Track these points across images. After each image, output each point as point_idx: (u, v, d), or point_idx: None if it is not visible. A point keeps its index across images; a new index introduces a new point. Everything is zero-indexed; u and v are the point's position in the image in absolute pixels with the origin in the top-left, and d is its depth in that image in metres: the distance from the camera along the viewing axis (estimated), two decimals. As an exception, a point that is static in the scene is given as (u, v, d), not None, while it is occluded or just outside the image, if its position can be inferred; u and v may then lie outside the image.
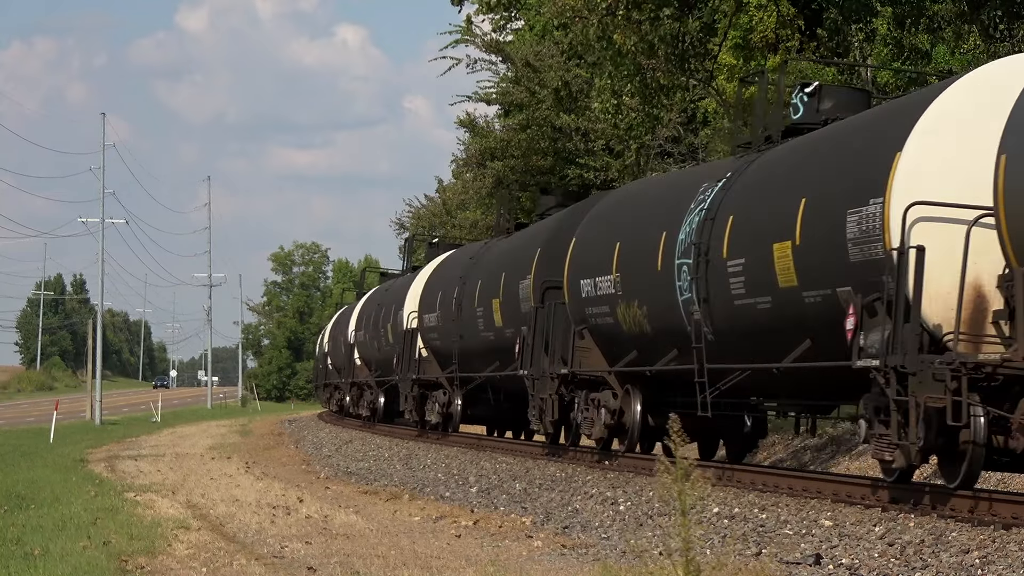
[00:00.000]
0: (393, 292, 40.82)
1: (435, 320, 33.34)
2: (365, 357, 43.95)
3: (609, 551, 13.34)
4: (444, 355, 32.79)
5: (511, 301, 27.13)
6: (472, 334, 30.04)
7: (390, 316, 38.97)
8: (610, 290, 21.29)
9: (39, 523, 15.97)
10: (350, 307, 52.66)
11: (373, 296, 45.93)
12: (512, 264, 27.78)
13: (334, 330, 54.18)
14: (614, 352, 21.81)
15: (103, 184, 68.64)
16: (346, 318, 49.75)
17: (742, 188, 18.09)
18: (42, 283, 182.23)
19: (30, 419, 65.84)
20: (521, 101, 44.21)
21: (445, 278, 33.64)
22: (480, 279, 29.87)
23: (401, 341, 35.96)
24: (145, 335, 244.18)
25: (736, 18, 28.89)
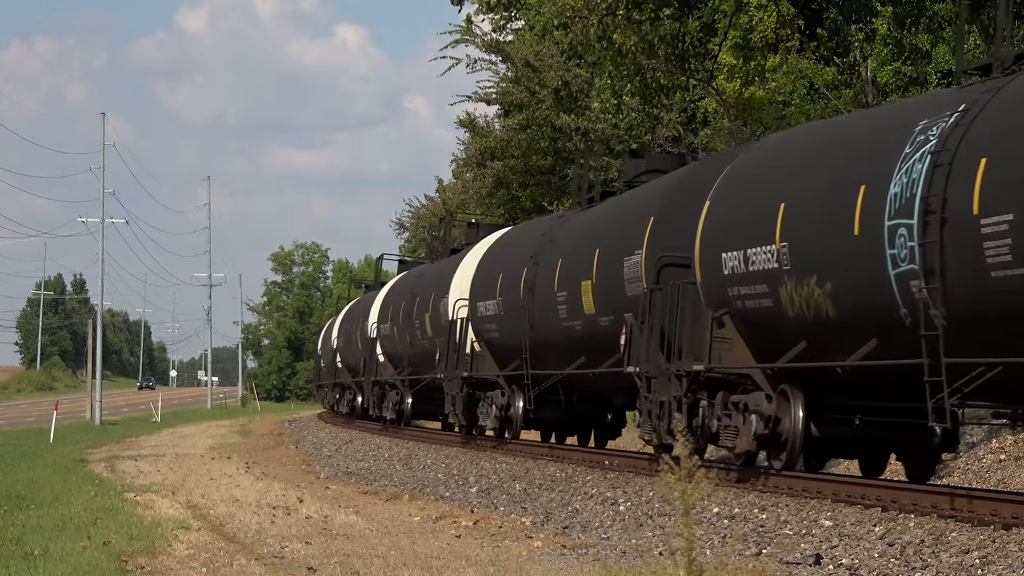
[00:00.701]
0: (430, 278, 35.30)
1: (493, 308, 28.28)
2: (390, 352, 39.06)
3: (609, 551, 13.34)
4: (504, 349, 27.76)
5: (609, 283, 21.99)
6: (549, 325, 25.00)
7: (427, 305, 33.71)
8: (770, 264, 16.53)
9: (39, 523, 15.97)
10: (366, 298, 47.52)
11: (399, 285, 40.53)
12: (610, 238, 22.54)
13: (346, 325, 49.82)
14: (768, 343, 17.12)
15: (103, 184, 68.74)
16: (363, 310, 45.11)
17: (998, 117, 13.53)
18: (42, 283, 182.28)
19: (30, 419, 65.84)
20: (521, 101, 44.22)
21: (504, 260, 28.62)
22: (561, 258, 24.72)
23: (445, 333, 30.95)
24: (145, 335, 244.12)
25: (736, 18, 28.90)
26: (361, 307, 46.78)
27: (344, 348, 48.93)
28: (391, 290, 40.96)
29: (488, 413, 28.45)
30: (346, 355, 48.31)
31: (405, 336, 36.26)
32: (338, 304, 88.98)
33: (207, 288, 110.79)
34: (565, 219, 26.62)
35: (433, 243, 46.03)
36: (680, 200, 20.21)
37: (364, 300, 47.71)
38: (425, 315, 33.87)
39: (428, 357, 33.40)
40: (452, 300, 30.74)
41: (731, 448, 17.86)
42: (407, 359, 36.66)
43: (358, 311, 47.14)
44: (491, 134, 48.40)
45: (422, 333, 34.27)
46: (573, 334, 23.83)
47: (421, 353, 34.55)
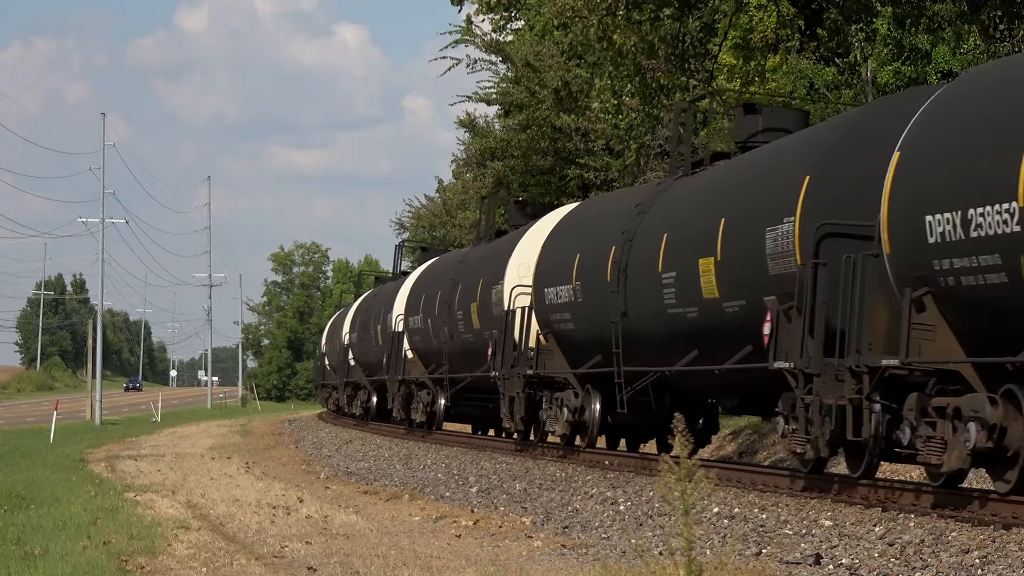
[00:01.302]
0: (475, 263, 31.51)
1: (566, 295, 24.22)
2: (421, 348, 35.67)
3: (609, 551, 13.34)
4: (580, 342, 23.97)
5: (742, 260, 17.92)
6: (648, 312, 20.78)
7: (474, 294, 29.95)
8: (1007, 227, 12.55)
9: (39, 523, 15.97)
10: (385, 289, 44.93)
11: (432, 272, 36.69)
12: (744, 205, 18.36)
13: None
14: (988, 332, 13.47)
15: (103, 184, 68.83)
16: (383, 302, 42.35)
17: None
18: (42, 283, 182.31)
19: (30, 419, 65.85)
20: (521, 101, 44.23)
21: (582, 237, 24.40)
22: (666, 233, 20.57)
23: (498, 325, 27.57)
24: (145, 335, 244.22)
25: (736, 18, 28.91)
26: (381, 299, 43.22)
27: (358, 345, 45.96)
28: (422, 278, 36.89)
29: (557, 417, 24.71)
30: (361, 352, 45.51)
31: (442, 329, 32.40)
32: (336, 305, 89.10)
33: (207, 288, 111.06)
34: (665, 187, 22.29)
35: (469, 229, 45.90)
36: (849, 154, 16.35)
37: (384, 292, 44.14)
38: (471, 305, 30.16)
39: (473, 353, 29.84)
40: (508, 287, 26.99)
41: (936, 465, 14.02)
42: (446, 355, 32.42)
43: (376, 304, 43.86)
44: (491, 134, 48.42)
45: (466, 325, 30.61)
46: (683, 323, 19.77)
47: (464, 348, 30.89)
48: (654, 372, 21.06)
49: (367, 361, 44.37)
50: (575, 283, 23.64)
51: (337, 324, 50.25)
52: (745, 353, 17.94)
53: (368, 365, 44.21)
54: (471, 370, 29.86)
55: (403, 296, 37.93)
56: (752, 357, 17.75)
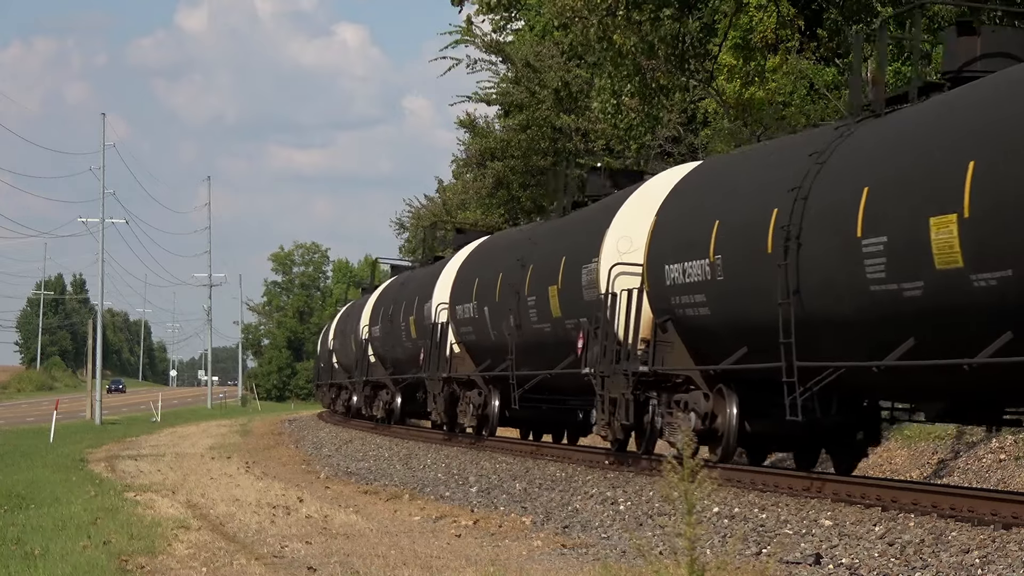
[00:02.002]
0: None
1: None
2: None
3: (609, 551, 13.34)
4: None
5: None
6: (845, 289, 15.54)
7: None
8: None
9: (39, 523, 15.97)
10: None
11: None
12: None
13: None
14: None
15: (103, 184, 68.74)
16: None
17: None
18: (42, 283, 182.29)
19: (30, 419, 65.84)
20: (521, 101, 44.25)
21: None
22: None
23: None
24: (145, 335, 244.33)
25: (736, 18, 28.93)
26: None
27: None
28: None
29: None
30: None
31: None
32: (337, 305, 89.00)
33: (207, 288, 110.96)
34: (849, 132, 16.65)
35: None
36: None
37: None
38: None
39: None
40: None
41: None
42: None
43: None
44: (491, 134, 48.44)
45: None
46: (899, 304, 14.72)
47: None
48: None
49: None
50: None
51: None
52: None
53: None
54: (541, 366, 25.78)
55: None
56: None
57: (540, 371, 25.65)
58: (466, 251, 32.07)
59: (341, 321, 51.63)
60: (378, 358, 40.61)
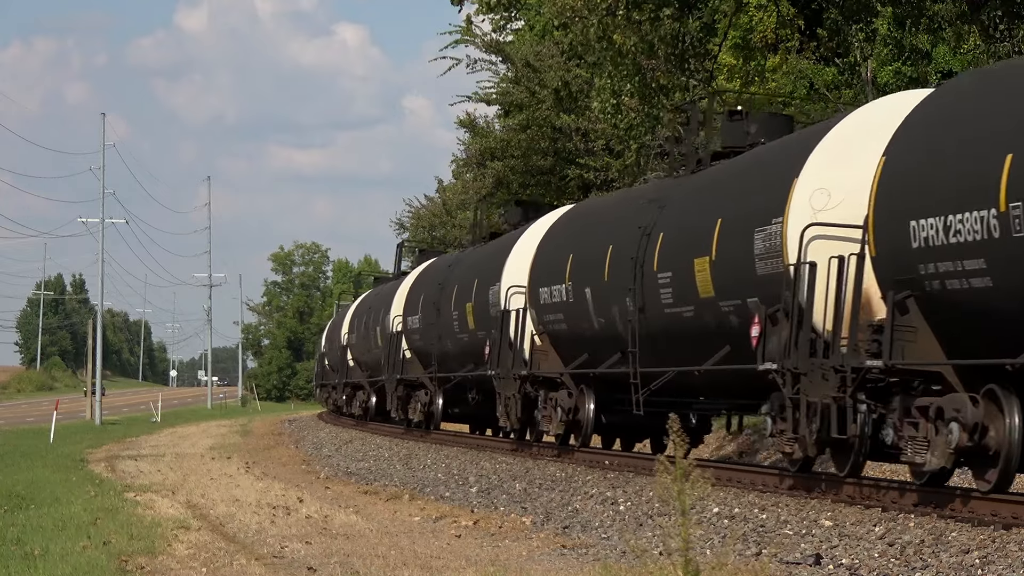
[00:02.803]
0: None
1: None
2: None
3: (609, 551, 13.34)
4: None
5: None
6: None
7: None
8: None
9: (39, 523, 15.97)
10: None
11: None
12: None
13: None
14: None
15: (103, 184, 68.82)
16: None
17: None
18: (42, 283, 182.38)
19: (30, 419, 65.86)
20: (521, 101, 44.25)
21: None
22: None
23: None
24: (145, 335, 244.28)
25: (736, 18, 28.93)
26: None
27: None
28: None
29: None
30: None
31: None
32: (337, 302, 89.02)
33: (207, 288, 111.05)
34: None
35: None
36: None
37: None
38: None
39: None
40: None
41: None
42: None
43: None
44: (491, 134, 48.45)
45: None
46: None
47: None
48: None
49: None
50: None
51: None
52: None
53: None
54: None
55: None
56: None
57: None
58: (547, 221, 27.09)
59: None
60: (415, 353, 35.69)
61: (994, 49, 24.92)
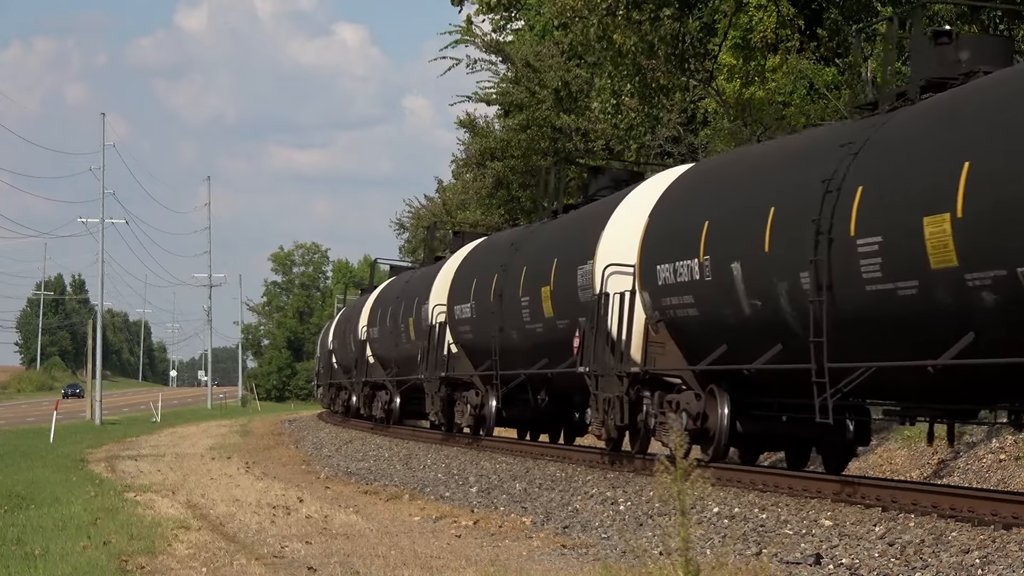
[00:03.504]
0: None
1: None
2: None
3: (609, 551, 13.34)
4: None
5: None
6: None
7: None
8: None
9: (39, 523, 15.97)
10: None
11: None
12: None
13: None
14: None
15: (103, 184, 68.76)
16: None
17: None
18: (42, 283, 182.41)
19: (30, 419, 65.85)
20: (521, 101, 44.26)
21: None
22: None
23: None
24: (145, 335, 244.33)
25: (736, 18, 28.92)
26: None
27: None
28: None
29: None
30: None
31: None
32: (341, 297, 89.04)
33: (207, 288, 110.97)
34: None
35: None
36: None
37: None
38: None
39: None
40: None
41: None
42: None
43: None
44: (491, 134, 48.45)
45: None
46: None
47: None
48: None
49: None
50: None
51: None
52: None
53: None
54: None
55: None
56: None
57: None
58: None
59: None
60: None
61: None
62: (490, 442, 28.23)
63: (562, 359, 23.56)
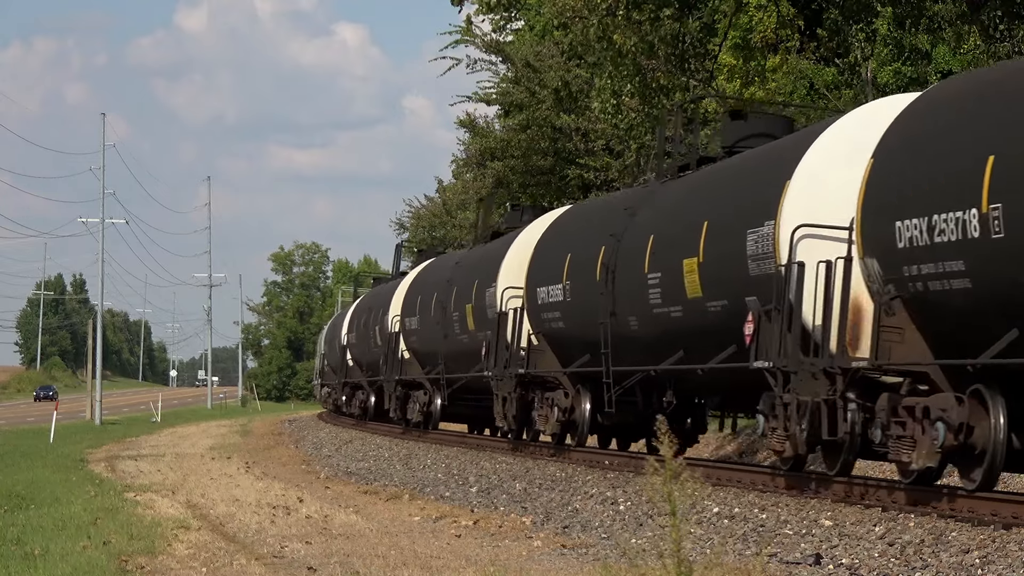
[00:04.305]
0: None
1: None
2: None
3: (609, 551, 13.34)
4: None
5: None
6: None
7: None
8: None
9: (39, 523, 15.97)
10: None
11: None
12: None
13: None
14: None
15: (103, 184, 68.89)
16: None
17: None
18: (42, 283, 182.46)
19: (30, 419, 65.87)
20: (521, 101, 44.27)
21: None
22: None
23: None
24: (145, 335, 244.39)
25: (736, 18, 28.94)
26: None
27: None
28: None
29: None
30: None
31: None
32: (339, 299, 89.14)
33: (207, 288, 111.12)
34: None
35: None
36: None
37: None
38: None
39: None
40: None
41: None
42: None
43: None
44: (491, 134, 48.45)
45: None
46: None
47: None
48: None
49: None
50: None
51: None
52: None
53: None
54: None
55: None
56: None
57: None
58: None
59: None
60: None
61: (994, 49, 24.91)
62: (580, 454, 23.52)
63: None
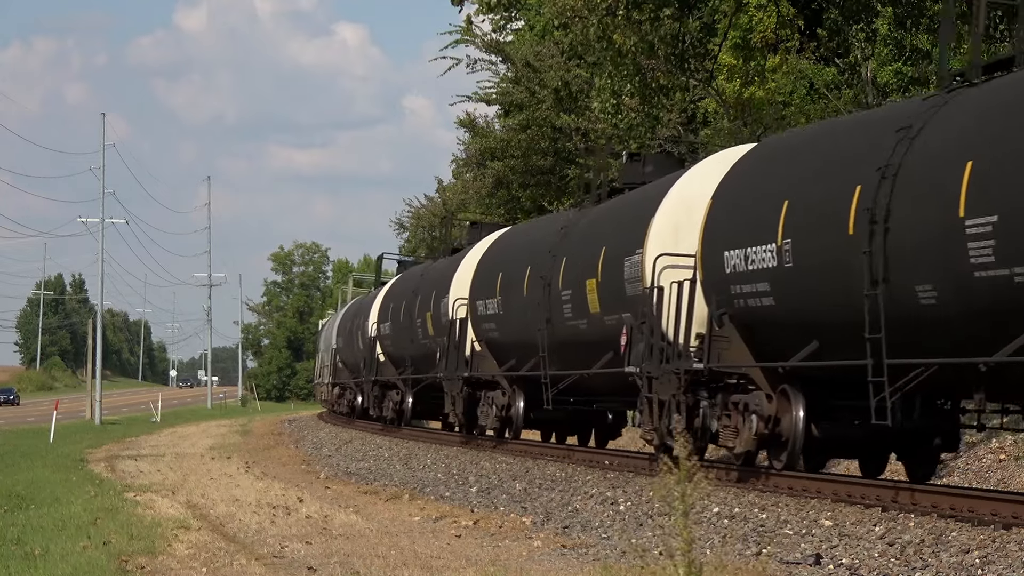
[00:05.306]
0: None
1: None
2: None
3: (609, 551, 13.34)
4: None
5: None
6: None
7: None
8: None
9: (39, 523, 15.97)
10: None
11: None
12: None
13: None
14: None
15: (103, 184, 68.90)
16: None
17: None
18: (42, 283, 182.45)
19: (30, 419, 65.88)
20: (521, 101, 44.28)
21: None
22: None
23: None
24: (145, 335, 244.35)
25: (736, 18, 28.94)
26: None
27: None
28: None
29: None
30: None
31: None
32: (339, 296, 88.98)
33: (207, 288, 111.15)
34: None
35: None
36: None
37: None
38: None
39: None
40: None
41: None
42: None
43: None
44: (491, 134, 48.46)
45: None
46: None
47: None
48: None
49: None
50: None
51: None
52: None
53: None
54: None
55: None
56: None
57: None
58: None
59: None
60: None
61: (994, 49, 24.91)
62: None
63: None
